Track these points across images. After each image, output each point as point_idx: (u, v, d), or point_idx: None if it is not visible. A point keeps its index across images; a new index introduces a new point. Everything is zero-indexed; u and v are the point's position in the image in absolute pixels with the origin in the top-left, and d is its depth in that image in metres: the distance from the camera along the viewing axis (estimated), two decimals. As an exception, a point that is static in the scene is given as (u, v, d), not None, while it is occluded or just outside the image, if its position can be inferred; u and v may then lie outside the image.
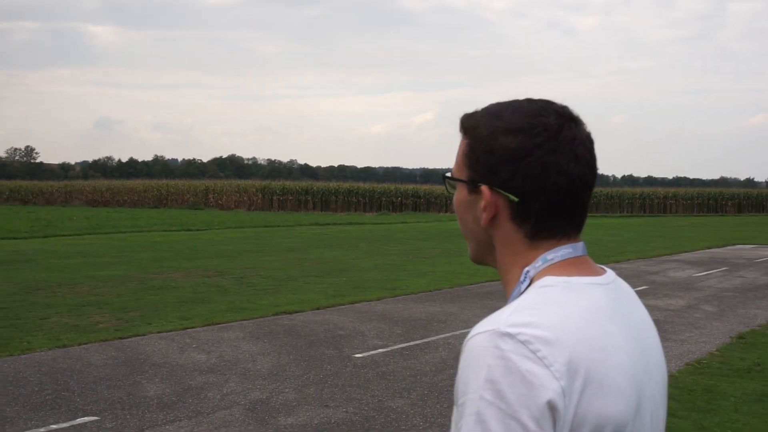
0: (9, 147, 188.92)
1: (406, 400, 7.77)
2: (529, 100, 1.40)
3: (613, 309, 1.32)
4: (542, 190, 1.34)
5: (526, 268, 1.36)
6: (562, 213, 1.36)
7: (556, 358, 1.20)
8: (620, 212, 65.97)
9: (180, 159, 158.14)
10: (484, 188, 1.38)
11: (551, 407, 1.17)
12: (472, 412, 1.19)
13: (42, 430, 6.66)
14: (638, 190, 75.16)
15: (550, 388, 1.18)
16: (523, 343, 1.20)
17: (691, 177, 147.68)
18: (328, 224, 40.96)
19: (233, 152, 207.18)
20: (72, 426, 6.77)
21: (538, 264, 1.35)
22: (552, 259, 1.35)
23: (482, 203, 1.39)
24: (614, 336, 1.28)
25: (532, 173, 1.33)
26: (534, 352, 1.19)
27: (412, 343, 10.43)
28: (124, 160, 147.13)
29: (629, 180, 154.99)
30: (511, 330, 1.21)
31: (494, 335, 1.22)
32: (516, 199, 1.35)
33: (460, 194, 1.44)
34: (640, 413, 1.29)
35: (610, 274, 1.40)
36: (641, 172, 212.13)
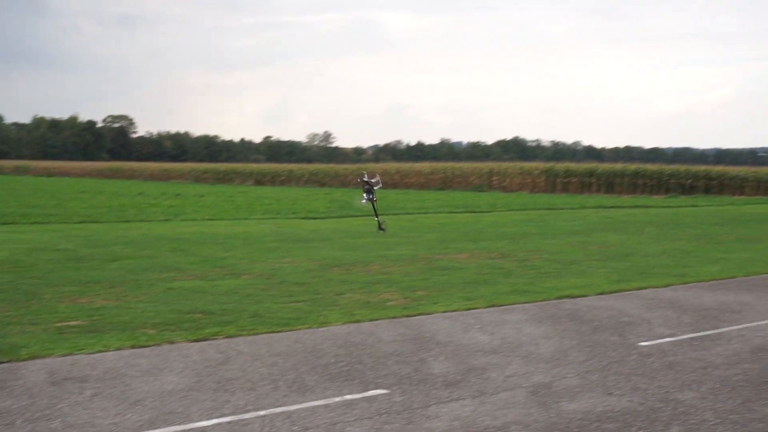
0: (310, 132, 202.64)
1: (695, 393, 7.46)
2: None
3: None
4: None
5: None
6: None
7: None
8: None
9: (465, 142, 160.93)
10: None
11: None
12: None
13: (337, 399, 7.14)
14: None
15: None
16: None
17: None
18: (613, 207, 39.93)
19: (517, 134, 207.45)
20: (364, 398, 7.20)
21: None
22: None
23: None
24: None
25: None
26: None
27: (702, 334, 9.97)
28: (413, 143, 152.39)
29: None
30: None
31: None
32: None
33: None
34: None
35: None
36: None
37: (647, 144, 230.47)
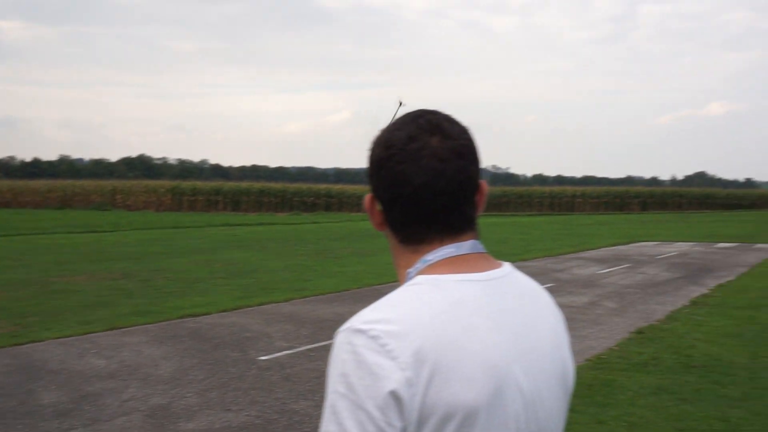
0: None
1: (309, 402, 7.73)
2: (407, 114, 1.47)
3: (485, 303, 1.37)
4: (395, 198, 1.42)
5: (408, 270, 1.43)
6: (421, 219, 1.42)
7: (403, 350, 1.26)
8: (530, 211, 67.12)
9: (87, 158, 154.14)
10: (366, 196, 1.49)
11: (395, 397, 1.24)
12: (328, 405, 1.27)
13: (-72, 442, 6.40)
14: (547, 189, 76.65)
15: (393, 378, 1.24)
16: (373, 338, 1.27)
17: (599, 176, 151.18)
18: (239, 225, 40.56)
19: (143, 152, 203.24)
20: (-40, 437, 6.53)
21: (419, 265, 1.42)
22: (431, 260, 1.41)
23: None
24: (477, 328, 1.33)
25: (385, 183, 1.43)
26: (382, 346, 1.26)
27: (318, 345, 10.38)
28: (28, 159, 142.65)
29: (539, 179, 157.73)
30: (364, 326, 1.29)
31: (349, 332, 1.30)
32: (379, 207, 1.46)
33: None
34: (500, 402, 1.32)
35: (502, 270, 1.45)
36: (551, 171, 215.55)
37: (273, 163, 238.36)
